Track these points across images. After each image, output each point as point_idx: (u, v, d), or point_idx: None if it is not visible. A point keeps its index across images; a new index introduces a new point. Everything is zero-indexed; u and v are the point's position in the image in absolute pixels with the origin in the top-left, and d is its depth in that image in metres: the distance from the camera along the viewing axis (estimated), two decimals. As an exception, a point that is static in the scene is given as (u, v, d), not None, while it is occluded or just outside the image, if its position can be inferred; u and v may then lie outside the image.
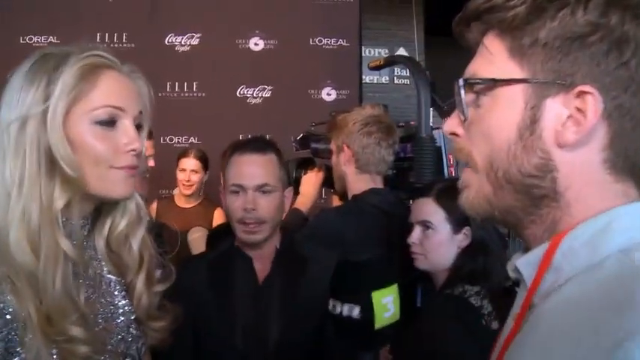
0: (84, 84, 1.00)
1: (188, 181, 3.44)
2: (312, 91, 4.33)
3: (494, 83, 0.71)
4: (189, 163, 3.45)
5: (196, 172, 3.46)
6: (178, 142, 4.32)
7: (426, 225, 1.69)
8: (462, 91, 0.74)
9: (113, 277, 1.14)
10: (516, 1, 0.68)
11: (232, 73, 4.38)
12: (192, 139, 4.34)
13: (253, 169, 1.65)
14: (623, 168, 0.69)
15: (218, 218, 3.38)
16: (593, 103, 0.66)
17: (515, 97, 0.70)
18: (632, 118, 0.67)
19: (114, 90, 1.04)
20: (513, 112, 0.70)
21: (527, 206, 0.72)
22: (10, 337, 0.95)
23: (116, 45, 4.35)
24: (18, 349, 0.95)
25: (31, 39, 4.36)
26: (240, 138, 4.15)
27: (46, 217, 0.97)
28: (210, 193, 3.48)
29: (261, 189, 1.64)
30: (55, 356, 0.96)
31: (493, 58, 0.72)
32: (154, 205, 3.54)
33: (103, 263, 1.13)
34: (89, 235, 1.12)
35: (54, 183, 0.99)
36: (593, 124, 0.66)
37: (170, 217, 3.31)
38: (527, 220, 0.73)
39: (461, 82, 0.73)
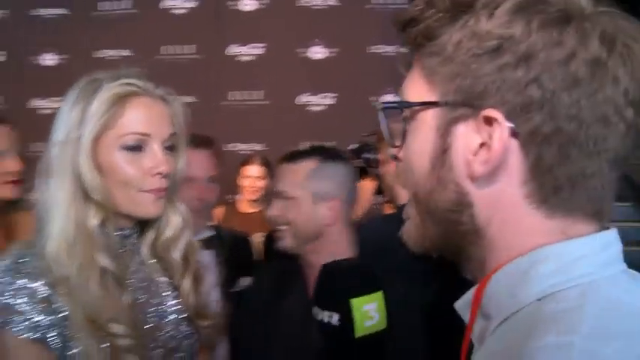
0: (112, 112, 1.07)
1: (253, 187, 3.52)
2: (374, 98, 4.34)
3: (409, 106, 0.64)
4: (254, 170, 3.54)
5: (261, 178, 3.54)
6: (243, 149, 4.42)
7: None
8: (381, 116, 0.67)
9: (164, 279, 1.23)
10: (429, 12, 0.60)
11: (294, 82, 4.46)
12: (256, 147, 4.43)
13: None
14: (558, 203, 0.59)
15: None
16: (499, 129, 0.57)
17: (428, 122, 0.62)
18: (553, 144, 0.57)
19: (141, 117, 1.10)
20: (427, 140, 0.62)
21: (454, 242, 0.64)
22: (65, 332, 1.06)
23: (183, 56, 4.52)
24: (72, 343, 1.06)
25: (103, 53, 4.58)
26: (301, 145, 4.29)
27: (81, 234, 1.07)
28: (272, 199, 3.54)
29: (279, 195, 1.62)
30: (105, 349, 1.06)
31: (413, 79, 0.65)
32: (219, 210, 3.65)
33: (154, 266, 1.22)
34: (137, 243, 1.20)
35: (90, 205, 1.08)
36: (500, 154, 0.57)
37: (233, 222, 3.40)
38: (462, 257, 0.65)
39: (378, 106, 0.67)
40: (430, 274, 1.64)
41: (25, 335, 1.03)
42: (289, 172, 1.60)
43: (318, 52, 4.47)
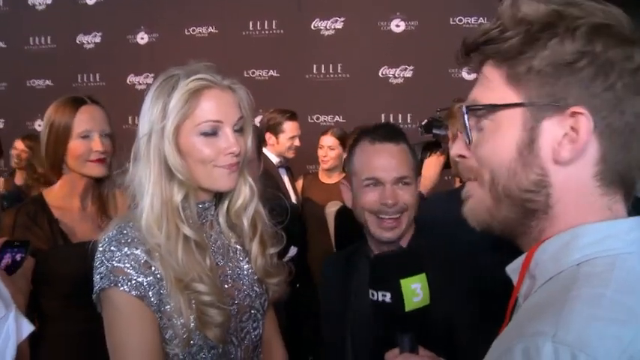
0: (189, 105, 1.25)
1: (326, 156, 3.66)
2: (453, 71, 4.33)
3: (494, 108, 0.77)
4: (328, 140, 3.68)
5: (333, 148, 3.67)
6: (325, 121, 4.55)
7: None
8: (466, 117, 0.80)
9: (238, 247, 1.42)
10: (511, 33, 0.74)
11: (375, 55, 4.51)
12: (337, 118, 4.56)
13: (389, 161, 1.57)
14: (612, 181, 0.74)
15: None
16: (586, 122, 0.71)
17: (514, 119, 0.76)
18: (621, 135, 0.72)
19: (213, 106, 1.28)
20: (513, 133, 0.76)
21: (520, 218, 0.78)
22: (161, 290, 1.25)
23: (267, 32, 4.67)
24: (166, 300, 1.25)
25: (194, 30, 4.82)
26: (383, 117, 4.37)
27: (168, 208, 1.26)
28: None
29: (402, 181, 1.56)
30: (193, 305, 1.25)
31: (492, 85, 0.78)
32: (300, 181, 3.81)
33: (230, 234, 1.40)
34: (215, 215, 1.39)
35: (173, 183, 1.27)
36: (586, 142, 0.72)
37: (314, 192, 3.55)
38: (519, 231, 0.80)
39: (464, 109, 0.80)
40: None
41: (130, 293, 1.23)
42: None
43: (398, 25, 4.49)
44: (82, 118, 1.90)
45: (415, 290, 1.09)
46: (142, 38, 4.98)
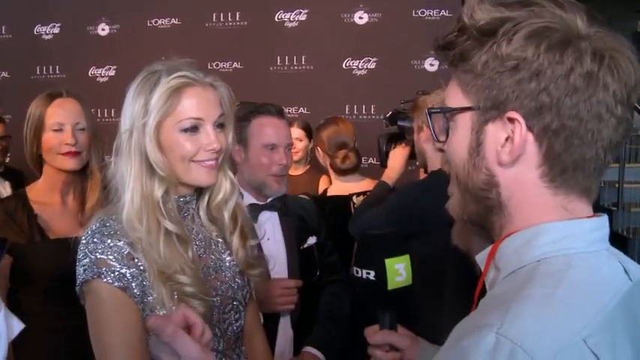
0: (170, 102, 1.27)
1: (293, 148, 3.65)
2: (416, 62, 4.38)
3: (450, 111, 0.82)
4: (294, 132, 3.67)
5: (300, 140, 3.69)
6: (289, 112, 4.54)
7: None
8: (429, 119, 0.86)
9: (220, 239, 1.45)
10: (461, 39, 0.78)
11: (338, 46, 4.53)
12: (301, 110, 4.57)
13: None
14: (562, 182, 0.77)
15: (323, 185, 3.57)
16: (520, 127, 0.75)
17: (465, 123, 0.81)
18: (560, 136, 0.74)
19: (194, 104, 1.29)
20: (465, 135, 0.81)
21: (483, 214, 0.83)
22: (144, 282, 1.27)
23: (230, 23, 4.65)
24: (149, 291, 1.28)
25: (156, 22, 4.76)
26: (347, 108, 4.41)
27: (148, 203, 1.28)
28: (316, 161, 3.68)
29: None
30: (175, 296, 1.27)
31: (451, 88, 0.83)
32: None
33: (212, 228, 1.43)
34: (196, 208, 1.42)
35: (154, 179, 1.29)
36: (521, 146, 0.75)
37: (279, 184, 3.56)
38: (487, 226, 0.85)
39: (426, 111, 0.86)
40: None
41: (113, 284, 1.24)
42: None
43: (361, 17, 4.52)
44: (54, 111, 1.90)
45: (398, 270, 1.15)
46: (103, 29, 4.90)
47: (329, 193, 2.90)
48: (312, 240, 2.16)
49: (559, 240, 0.76)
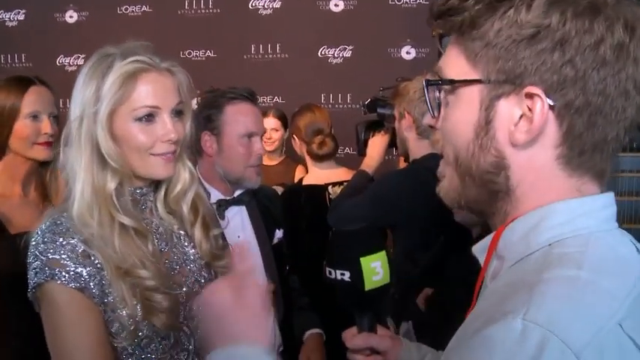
0: (124, 89, 1.19)
1: (270, 138, 3.61)
2: (392, 50, 4.35)
3: (453, 84, 0.73)
4: (270, 122, 3.62)
5: (276, 130, 3.64)
6: (263, 102, 4.48)
7: None
8: (426, 91, 0.77)
9: (182, 232, 1.37)
10: (469, 3, 0.69)
11: (314, 34, 4.48)
12: (276, 99, 4.51)
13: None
14: (579, 163, 0.70)
15: (299, 175, 3.53)
16: (540, 103, 0.67)
17: (472, 97, 0.72)
18: (583, 114, 0.67)
19: (150, 91, 1.22)
20: (470, 112, 0.72)
21: (486, 199, 0.75)
22: (103, 281, 1.19)
23: (203, 10, 4.56)
24: (109, 290, 1.20)
25: (127, 9, 4.64)
26: (323, 97, 4.36)
27: (99, 196, 1.20)
28: (291, 151, 3.64)
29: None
30: (136, 292, 1.20)
31: (453, 58, 0.74)
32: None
33: (172, 220, 1.35)
34: (154, 200, 1.34)
35: (107, 171, 1.21)
36: (541, 124, 0.68)
37: (254, 174, 3.51)
38: (488, 212, 0.77)
39: (424, 82, 0.76)
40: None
41: (69, 285, 1.16)
42: None
43: (337, 5, 4.47)
44: (31, 99, 1.82)
45: (375, 269, 1.05)
46: (71, 17, 4.76)
47: (305, 182, 2.86)
48: (279, 234, 2.07)
49: (570, 220, 0.70)
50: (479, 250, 0.78)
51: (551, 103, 0.67)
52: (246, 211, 2.00)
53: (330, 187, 2.74)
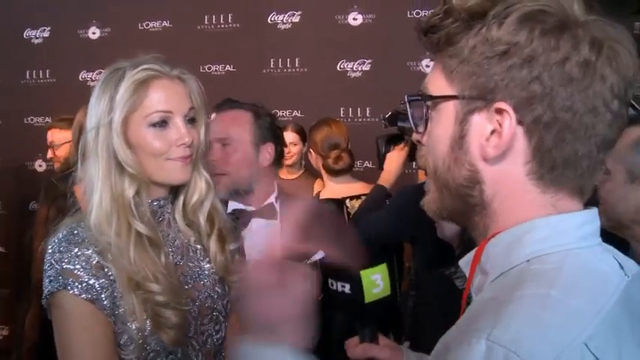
0: (136, 96, 1.21)
1: (288, 152, 3.61)
2: (411, 63, 4.34)
3: (433, 99, 0.74)
4: (288, 136, 3.63)
5: (295, 144, 3.64)
6: (282, 116, 4.49)
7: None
8: (408, 107, 0.78)
9: (199, 246, 1.37)
10: (447, 22, 0.71)
11: (332, 48, 4.48)
12: (295, 113, 4.51)
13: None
14: (552, 179, 0.71)
15: (317, 189, 3.53)
16: (508, 119, 0.68)
17: (448, 112, 0.74)
18: (552, 130, 0.68)
19: (162, 96, 1.23)
20: (447, 127, 0.74)
21: (465, 212, 0.76)
22: (114, 293, 1.20)
23: (222, 25, 4.60)
24: (120, 302, 1.20)
25: (147, 25, 4.71)
26: (342, 110, 4.36)
27: (118, 204, 1.21)
28: (310, 165, 3.63)
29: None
30: (147, 306, 1.20)
31: (434, 75, 0.76)
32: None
33: (189, 233, 1.35)
34: (172, 212, 1.34)
35: (124, 178, 1.22)
36: (509, 140, 0.69)
37: (274, 188, 3.51)
38: (469, 225, 0.78)
39: (405, 98, 0.78)
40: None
41: (81, 296, 1.17)
42: None
43: (355, 19, 4.48)
44: None
45: (375, 281, 1.09)
46: (94, 33, 4.84)
47: (322, 196, 2.85)
48: (318, 255, 2.01)
49: (549, 236, 0.70)
50: (464, 263, 0.79)
51: (520, 119, 0.68)
52: (279, 225, 1.96)
53: (347, 201, 2.72)
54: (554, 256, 0.69)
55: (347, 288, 1.09)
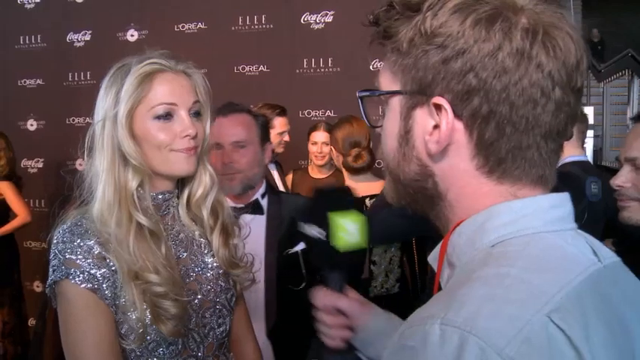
0: (141, 88, 1.23)
1: (320, 152, 3.65)
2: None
3: (380, 95, 0.73)
4: (320, 136, 3.66)
5: (327, 143, 3.66)
6: (315, 115, 4.53)
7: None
8: (360, 102, 0.77)
9: (203, 240, 1.40)
10: (391, 13, 0.69)
11: (365, 48, 4.46)
12: (328, 113, 4.53)
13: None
14: (504, 171, 0.68)
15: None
16: (445, 114, 0.66)
17: (395, 108, 0.73)
18: (491, 123, 0.65)
19: (167, 89, 1.26)
20: (394, 122, 0.73)
21: (423, 203, 0.74)
22: (116, 283, 1.24)
23: (256, 26, 4.66)
24: (121, 293, 1.24)
25: (183, 26, 4.80)
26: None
27: (121, 195, 1.23)
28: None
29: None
30: (146, 297, 1.22)
31: (383, 70, 0.75)
32: (290, 176, 3.81)
33: (194, 227, 1.37)
34: (176, 206, 1.37)
35: (128, 169, 1.25)
36: (447, 135, 0.67)
37: (304, 187, 3.56)
38: (431, 216, 0.76)
39: (357, 94, 0.77)
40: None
41: (82, 285, 1.21)
42: None
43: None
44: None
45: (346, 227, 1.07)
46: (132, 35, 4.96)
47: (342, 195, 2.86)
48: (300, 246, 2.03)
49: (513, 221, 0.67)
50: (432, 259, 0.77)
51: (458, 113, 0.66)
52: (264, 220, 2.05)
53: (367, 200, 2.73)
54: (519, 239, 0.66)
55: (315, 230, 1.08)
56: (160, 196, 1.33)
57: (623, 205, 1.56)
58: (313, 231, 1.08)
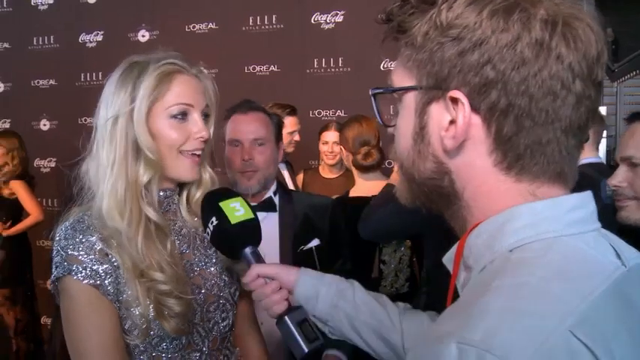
0: (160, 88, 1.25)
1: (331, 152, 3.65)
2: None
3: (395, 91, 0.71)
4: (331, 135, 3.66)
5: (337, 143, 3.65)
6: (326, 115, 4.53)
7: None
8: (372, 100, 0.74)
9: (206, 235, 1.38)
10: (405, 8, 0.68)
11: (375, 48, 4.46)
12: (339, 113, 4.53)
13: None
14: (522, 168, 0.66)
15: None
16: (462, 108, 0.64)
17: (409, 104, 0.71)
18: (509, 117, 0.63)
19: (184, 90, 1.28)
20: (409, 119, 0.71)
21: (439, 202, 0.72)
22: (118, 279, 1.24)
23: (266, 26, 4.67)
24: (124, 288, 1.24)
25: (194, 27, 4.83)
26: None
27: (132, 190, 1.24)
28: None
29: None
30: (150, 293, 1.23)
31: (396, 67, 0.73)
32: (301, 176, 3.82)
33: (197, 223, 1.39)
34: (178, 204, 1.39)
35: (139, 164, 1.26)
36: (464, 130, 0.65)
37: (315, 187, 3.56)
38: (447, 215, 0.73)
39: (370, 92, 0.74)
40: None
41: (85, 281, 1.21)
42: None
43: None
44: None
45: (235, 207, 1.23)
46: (143, 36, 4.99)
47: (352, 194, 2.86)
48: (314, 242, 2.08)
49: (533, 224, 0.64)
50: (448, 259, 0.75)
51: (475, 107, 0.64)
52: (277, 217, 2.07)
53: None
54: (539, 244, 0.63)
55: (214, 220, 1.22)
56: (161, 193, 1.34)
57: (621, 205, 1.56)
58: (211, 224, 1.24)
